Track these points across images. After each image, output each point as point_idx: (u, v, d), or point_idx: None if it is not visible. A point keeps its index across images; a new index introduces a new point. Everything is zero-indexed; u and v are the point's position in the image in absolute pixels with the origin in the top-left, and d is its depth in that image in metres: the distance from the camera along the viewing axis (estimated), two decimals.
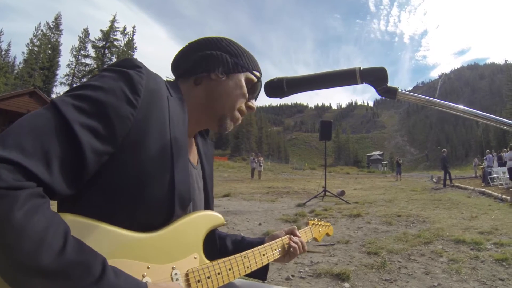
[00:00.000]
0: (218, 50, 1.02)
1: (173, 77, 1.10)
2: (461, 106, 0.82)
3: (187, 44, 1.09)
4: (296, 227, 1.32)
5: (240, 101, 1.05)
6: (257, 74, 1.09)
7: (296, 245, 1.23)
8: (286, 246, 1.22)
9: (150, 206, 0.78)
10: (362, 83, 0.89)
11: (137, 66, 0.82)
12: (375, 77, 0.87)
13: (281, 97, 1.00)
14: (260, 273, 1.18)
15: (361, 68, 0.88)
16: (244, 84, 1.05)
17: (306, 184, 19.53)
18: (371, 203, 10.25)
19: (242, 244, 1.22)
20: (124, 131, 0.74)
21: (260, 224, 6.74)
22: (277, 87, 0.96)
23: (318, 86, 0.94)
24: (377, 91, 0.88)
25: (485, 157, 21.41)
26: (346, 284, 3.41)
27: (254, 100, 1.11)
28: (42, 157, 0.59)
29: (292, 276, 3.66)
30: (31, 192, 0.57)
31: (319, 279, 3.59)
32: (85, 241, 0.65)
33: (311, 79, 0.94)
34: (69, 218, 0.67)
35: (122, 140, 0.74)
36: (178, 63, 1.07)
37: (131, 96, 0.76)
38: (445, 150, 19.89)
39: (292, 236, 1.26)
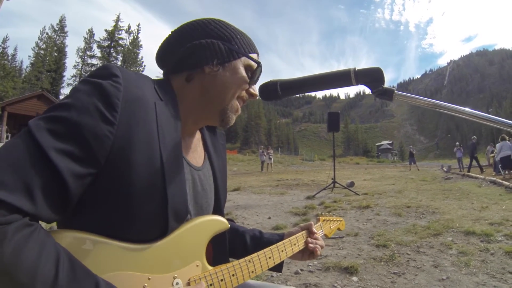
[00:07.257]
0: (208, 37, 0.91)
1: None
2: (458, 107, 0.81)
3: (170, 32, 0.97)
4: (312, 223, 1.27)
5: (240, 90, 0.96)
6: (255, 57, 0.99)
7: (317, 245, 1.20)
8: (302, 243, 1.19)
9: (143, 223, 0.75)
10: (357, 84, 0.87)
11: (113, 75, 0.74)
12: (371, 78, 0.85)
13: (276, 100, 0.98)
14: (276, 266, 1.10)
15: (356, 69, 0.86)
16: (243, 71, 0.95)
17: (316, 175, 19.45)
18: (380, 194, 10.16)
19: (261, 241, 1.19)
20: (105, 150, 0.69)
21: (269, 218, 6.74)
22: (272, 91, 0.94)
23: (312, 88, 0.92)
24: (372, 92, 0.86)
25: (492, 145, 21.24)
26: (354, 278, 3.41)
27: (255, 85, 1.01)
28: (24, 190, 0.58)
29: (301, 270, 3.66)
30: (18, 224, 0.56)
31: (328, 272, 3.60)
32: (86, 256, 0.66)
33: (305, 81, 0.93)
34: (67, 235, 0.68)
35: (105, 159, 0.69)
36: (164, 57, 0.97)
37: (106, 112, 0.69)
38: (475, 137, 19.64)
39: (310, 234, 1.23)
